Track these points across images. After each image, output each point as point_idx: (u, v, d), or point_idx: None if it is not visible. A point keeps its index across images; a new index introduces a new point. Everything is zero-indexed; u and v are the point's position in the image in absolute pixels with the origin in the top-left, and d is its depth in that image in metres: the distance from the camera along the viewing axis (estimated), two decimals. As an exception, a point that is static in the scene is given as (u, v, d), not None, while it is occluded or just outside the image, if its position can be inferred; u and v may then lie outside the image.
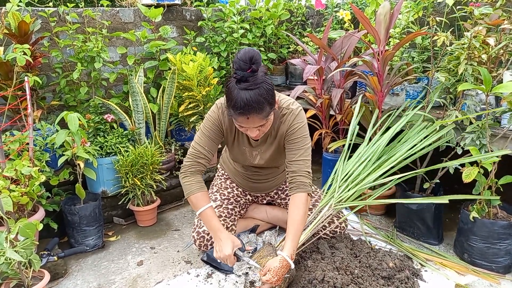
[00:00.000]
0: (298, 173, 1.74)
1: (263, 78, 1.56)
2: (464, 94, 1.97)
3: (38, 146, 2.13)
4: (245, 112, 1.54)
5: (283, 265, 1.62)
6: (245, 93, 1.52)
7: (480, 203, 1.87)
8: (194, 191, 1.78)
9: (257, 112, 1.55)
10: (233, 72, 1.57)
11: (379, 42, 2.09)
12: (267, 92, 1.56)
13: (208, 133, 1.82)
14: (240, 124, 1.63)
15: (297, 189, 1.73)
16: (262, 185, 2.14)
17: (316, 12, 3.36)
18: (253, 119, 1.58)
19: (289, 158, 1.79)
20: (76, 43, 2.39)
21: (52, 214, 2.18)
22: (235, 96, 1.53)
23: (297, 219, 1.71)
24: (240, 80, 1.53)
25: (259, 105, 1.53)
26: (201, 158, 1.82)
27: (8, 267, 1.56)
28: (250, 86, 1.52)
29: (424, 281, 1.77)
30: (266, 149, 1.88)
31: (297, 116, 1.76)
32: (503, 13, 1.85)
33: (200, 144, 1.82)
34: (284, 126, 1.77)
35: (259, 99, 1.53)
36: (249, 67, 1.52)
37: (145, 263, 2.04)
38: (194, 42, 3.00)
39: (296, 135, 1.76)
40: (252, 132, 1.66)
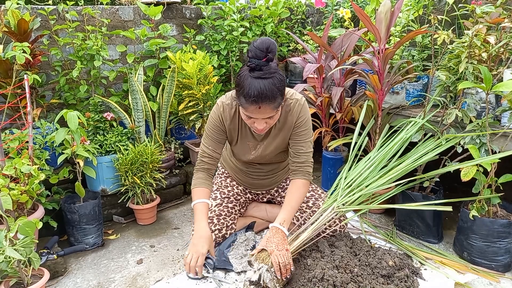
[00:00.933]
0: (305, 163, 1.85)
1: (276, 68, 1.57)
2: (464, 93, 1.97)
3: (38, 144, 2.13)
4: (257, 100, 1.54)
5: (274, 232, 1.70)
6: (259, 82, 1.53)
7: (480, 201, 1.87)
8: (194, 185, 1.89)
9: (269, 101, 1.56)
10: (247, 61, 1.57)
11: (380, 40, 2.09)
12: (280, 82, 1.58)
13: (210, 133, 1.88)
14: (250, 114, 1.63)
15: (302, 176, 1.85)
16: (263, 182, 2.14)
17: (316, 10, 3.36)
18: (265, 109, 1.59)
19: (296, 149, 1.85)
20: (75, 41, 2.39)
21: (51, 213, 2.18)
22: (248, 84, 1.54)
23: (294, 197, 1.81)
24: (254, 69, 1.54)
25: (272, 94, 1.54)
26: (205, 157, 1.90)
27: (7, 266, 1.56)
28: (264, 75, 1.53)
29: (423, 280, 1.77)
30: (270, 142, 1.90)
31: (304, 106, 1.81)
32: (503, 11, 1.85)
33: (204, 144, 1.90)
34: (292, 117, 1.79)
35: (272, 88, 1.54)
36: (265, 55, 1.53)
37: (145, 261, 2.04)
38: (194, 40, 3.00)
39: (304, 127, 1.81)
40: (259, 124, 1.66)
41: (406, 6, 2.30)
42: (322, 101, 2.47)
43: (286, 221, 1.76)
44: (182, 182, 2.80)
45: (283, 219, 1.76)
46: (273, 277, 1.64)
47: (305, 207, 2.06)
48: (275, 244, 1.67)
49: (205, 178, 1.90)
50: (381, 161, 2.04)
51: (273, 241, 1.68)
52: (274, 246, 1.66)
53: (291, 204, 1.81)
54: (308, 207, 2.06)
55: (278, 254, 1.64)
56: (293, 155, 1.87)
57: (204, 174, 1.91)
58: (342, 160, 2.62)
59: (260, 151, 1.93)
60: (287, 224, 1.76)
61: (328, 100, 2.49)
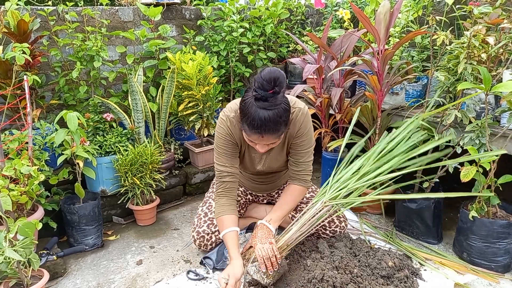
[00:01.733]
0: (303, 172, 1.84)
1: (282, 99, 1.53)
2: (464, 93, 1.97)
3: (37, 145, 2.13)
4: (261, 131, 1.53)
5: (259, 228, 1.73)
6: (263, 112, 1.50)
7: (479, 202, 1.87)
8: (218, 214, 1.80)
9: (272, 132, 1.54)
10: (253, 89, 1.52)
11: (379, 41, 2.09)
12: (285, 113, 1.55)
13: (222, 150, 1.79)
14: (252, 140, 1.63)
15: (299, 183, 1.86)
16: (265, 187, 2.15)
17: (315, 11, 3.36)
18: (268, 138, 1.58)
19: (295, 159, 1.84)
20: (75, 42, 2.39)
21: (51, 213, 2.18)
22: (253, 114, 1.51)
23: (286, 200, 1.82)
24: (259, 99, 1.50)
25: (276, 126, 1.53)
26: (225, 177, 1.80)
27: (7, 266, 1.56)
28: (269, 107, 1.50)
29: (423, 280, 1.77)
30: (275, 153, 1.88)
31: (306, 116, 1.76)
32: (502, 12, 1.85)
33: (219, 163, 1.80)
34: (294, 127, 1.76)
35: (276, 120, 1.51)
36: (272, 88, 1.49)
37: (145, 262, 2.04)
38: (194, 41, 3.00)
39: (305, 137, 1.78)
40: (261, 148, 1.65)
41: (405, 7, 2.30)
42: (321, 101, 2.48)
43: (273, 219, 1.77)
44: (181, 183, 2.80)
45: (270, 218, 1.78)
46: (258, 270, 1.66)
47: (302, 207, 2.07)
48: (259, 238, 1.70)
49: (228, 204, 1.80)
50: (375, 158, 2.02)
51: (257, 236, 1.71)
52: (257, 240, 1.69)
53: (282, 206, 1.82)
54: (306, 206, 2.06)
55: (261, 247, 1.66)
56: (292, 163, 1.86)
57: (225, 199, 1.80)
58: (342, 160, 2.62)
59: (266, 162, 1.91)
60: (274, 222, 1.77)
61: (327, 100, 2.49)
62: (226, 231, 1.74)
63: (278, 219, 1.80)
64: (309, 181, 1.88)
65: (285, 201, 1.83)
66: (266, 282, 1.66)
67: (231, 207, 1.80)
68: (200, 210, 2.09)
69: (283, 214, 1.82)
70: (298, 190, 1.86)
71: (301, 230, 1.78)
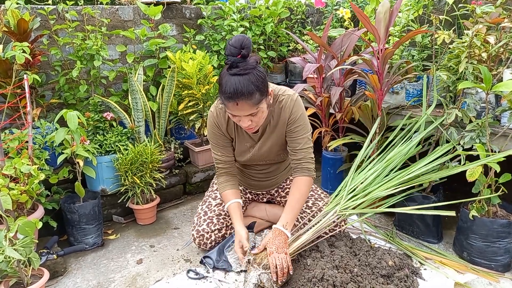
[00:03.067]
0: (304, 160, 1.84)
1: (253, 65, 1.58)
2: (464, 93, 1.97)
3: (38, 144, 2.13)
4: (234, 97, 1.56)
5: (276, 234, 1.72)
6: (235, 78, 1.55)
7: (480, 201, 1.87)
8: (219, 190, 1.98)
9: (246, 98, 1.56)
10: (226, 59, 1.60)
11: (379, 40, 2.09)
12: (257, 79, 1.57)
13: (214, 141, 1.92)
14: (231, 112, 1.65)
15: (302, 173, 1.85)
16: (263, 183, 2.14)
17: (316, 10, 3.36)
18: (243, 105, 1.59)
19: (293, 146, 1.85)
20: (75, 41, 2.38)
21: (51, 212, 2.18)
22: (225, 82, 1.56)
23: (297, 197, 1.81)
24: (231, 66, 1.56)
25: (248, 91, 1.55)
26: (220, 164, 1.97)
27: (7, 265, 1.56)
28: (239, 72, 1.55)
29: (423, 280, 1.77)
30: (267, 141, 1.90)
31: (296, 101, 1.80)
32: (503, 11, 1.85)
33: (214, 152, 1.96)
34: (285, 113, 1.79)
35: (248, 84, 1.55)
36: (239, 52, 1.55)
37: (145, 261, 2.04)
38: (194, 40, 3.00)
39: (298, 123, 1.80)
40: (244, 122, 1.67)
41: (406, 6, 2.30)
42: (321, 101, 2.47)
43: (289, 223, 1.77)
44: (182, 182, 2.80)
45: (286, 221, 1.76)
46: (269, 278, 1.65)
47: (305, 207, 2.07)
48: (276, 246, 1.68)
49: (227, 180, 1.97)
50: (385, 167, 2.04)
51: (274, 243, 1.70)
52: (274, 248, 1.68)
53: (292, 204, 1.81)
54: (307, 207, 2.06)
55: (277, 256, 1.65)
56: (291, 152, 1.88)
57: (224, 177, 1.97)
58: (342, 160, 2.62)
59: (260, 151, 1.93)
60: (290, 226, 1.77)
61: (327, 100, 2.49)
62: (228, 204, 1.91)
63: (292, 221, 1.79)
64: (312, 169, 1.86)
65: (295, 199, 1.82)
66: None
67: (229, 182, 1.96)
68: (200, 209, 2.10)
69: (296, 213, 1.81)
70: (304, 183, 1.84)
71: (311, 238, 1.82)
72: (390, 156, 2.07)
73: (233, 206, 1.90)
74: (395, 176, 1.98)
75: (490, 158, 1.73)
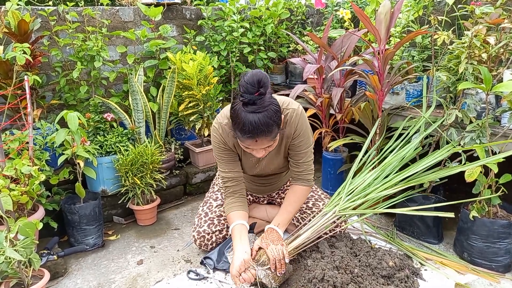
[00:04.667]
0: (304, 172, 1.85)
1: (270, 100, 1.53)
2: (464, 93, 1.97)
3: (38, 145, 2.13)
4: (253, 135, 1.52)
5: (269, 232, 1.75)
6: (253, 116, 1.49)
7: (480, 202, 1.87)
8: (226, 212, 1.89)
9: (265, 135, 1.54)
10: (239, 95, 1.52)
11: (380, 41, 2.09)
12: (275, 114, 1.54)
13: (221, 158, 1.84)
14: (248, 146, 1.62)
15: (300, 182, 1.87)
16: (265, 188, 2.15)
17: (316, 11, 3.36)
18: (262, 141, 1.57)
19: (295, 159, 1.85)
20: (76, 42, 2.39)
21: (52, 213, 2.18)
22: (243, 119, 1.50)
23: (291, 202, 1.84)
24: (247, 103, 1.50)
25: (268, 128, 1.52)
26: (227, 182, 1.88)
27: (8, 266, 1.56)
28: (258, 110, 1.49)
29: (424, 280, 1.77)
30: (273, 156, 1.89)
31: (301, 116, 1.76)
32: (503, 12, 1.85)
33: (221, 170, 1.88)
34: (290, 128, 1.75)
35: (267, 122, 1.51)
36: (257, 90, 1.49)
37: (145, 262, 2.04)
38: (194, 41, 3.00)
39: (302, 137, 1.78)
40: (258, 153, 1.65)
41: (406, 7, 2.30)
42: (322, 101, 2.47)
43: (281, 224, 1.80)
44: (182, 182, 2.80)
45: (278, 222, 1.80)
46: (267, 273, 1.66)
47: (305, 208, 2.07)
48: (271, 239, 1.71)
49: (234, 202, 1.87)
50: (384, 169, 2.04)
51: (268, 238, 1.73)
52: (269, 241, 1.71)
53: (288, 208, 1.84)
54: (308, 208, 2.06)
55: (274, 248, 1.67)
56: (292, 164, 1.88)
57: (232, 198, 1.88)
58: (342, 160, 2.62)
59: (265, 165, 1.92)
60: (282, 226, 1.80)
61: (328, 100, 2.49)
62: (232, 225, 1.81)
63: (285, 222, 1.82)
64: (311, 180, 1.89)
65: (290, 203, 1.86)
66: (273, 286, 1.68)
67: (237, 203, 1.87)
68: (200, 210, 2.10)
69: (289, 217, 1.84)
70: (301, 191, 1.88)
71: (310, 238, 1.83)
72: (390, 159, 2.07)
73: (239, 227, 1.79)
74: (393, 177, 1.98)
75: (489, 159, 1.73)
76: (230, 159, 1.84)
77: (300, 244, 1.81)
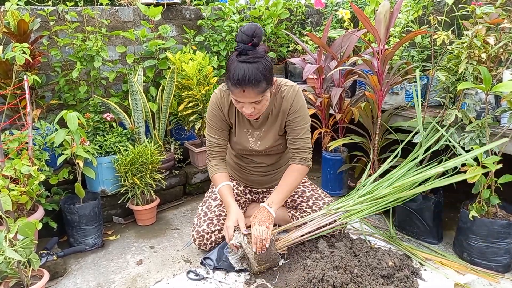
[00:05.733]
0: (301, 149, 1.90)
1: (262, 54, 1.63)
2: (464, 93, 1.97)
3: (38, 145, 2.13)
4: (241, 84, 1.61)
5: (260, 210, 1.82)
6: (244, 66, 1.59)
7: (480, 202, 1.87)
8: (211, 173, 1.99)
9: (253, 86, 1.61)
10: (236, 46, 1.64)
11: (379, 41, 2.09)
12: (265, 68, 1.63)
13: (212, 122, 1.94)
14: (236, 97, 1.70)
15: (298, 161, 1.91)
16: (263, 179, 2.15)
17: (315, 11, 3.36)
18: (249, 93, 1.64)
19: (291, 136, 1.90)
20: (75, 42, 2.39)
21: (51, 213, 2.18)
22: (234, 68, 1.61)
23: (286, 181, 1.89)
24: (240, 53, 1.61)
25: (256, 79, 1.60)
26: (213, 147, 1.99)
27: (7, 266, 1.56)
28: (249, 59, 1.60)
29: (423, 280, 1.77)
30: (267, 129, 1.93)
31: (297, 92, 1.86)
32: (503, 12, 1.85)
33: (209, 134, 1.98)
34: (286, 103, 1.85)
35: (256, 73, 1.60)
36: (250, 40, 1.60)
37: (145, 262, 2.04)
38: (194, 41, 3.00)
39: (298, 113, 1.85)
40: (247, 108, 1.72)
41: (405, 7, 2.30)
42: (321, 101, 2.48)
43: (275, 202, 1.85)
44: (181, 182, 2.80)
45: (272, 201, 1.85)
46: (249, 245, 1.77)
47: (305, 207, 2.07)
48: (258, 219, 1.79)
49: (219, 164, 1.99)
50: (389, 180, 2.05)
51: (257, 217, 1.80)
52: (256, 221, 1.78)
53: (282, 187, 1.89)
54: (308, 207, 2.06)
55: (258, 228, 1.75)
56: (289, 141, 1.93)
57: (217, 161, 2.00)
58: (342, 160, 2.62)
59: (259, 139, 1.95)
60: (275, 205, 1.85)
61: (327, 100, 2.49)
62: (221, 185, 1.92)
63: (279, 201, 1.86)
64: (308, 159, 1.91)
65: (285, 183, 1.89)
66: (255, 269, 1.78)
67: (222, 166, 1.99)
68: (199, 209, 2.10)
69: (284, 196, 1.88)
70: (297, 169, 1.90)
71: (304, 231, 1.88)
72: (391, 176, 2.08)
73: (227, 187, 1.92)
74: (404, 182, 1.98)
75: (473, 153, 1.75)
76: (220, 127, 1.94)
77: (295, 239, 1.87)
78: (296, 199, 2.11)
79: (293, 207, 2.13)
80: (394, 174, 2.04)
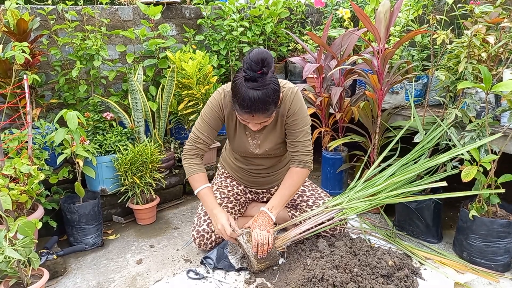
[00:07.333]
0: (300, 152, 1.87)
1: (271, 79, 1.60)
2: (464, 93, 1.97)
3: (37, 144, 2.13)
4: (251, 111, 1.60)
5: (260, 214, 1.80)
6: (253, 93, 1.56)
7: (479, 201, 1.87)
8: (192, 172, 1.91)
9: (262, 112, 1.61)
10: (242, 70, 1.59)
11: (379, 40, 2.09)
12: (274, 93, 1.61)
13: (207, 119, 1.88)
14: (244, 119, 1.70)
15: (297, 164, 1.88)
16: (264, 180, 2.14)
17: (315, 10, 3.36)
18: (258, 117, 1.64)
19: (291, 138, 1.88)
20: (75, 41, 2.38)
21: (51, 213, 2.18)
22: (243, 94, 1.57)
23: (287, 184, 1.87)
24: (248, 80, 1.56)
25: (265, 106, 1.59)
26: (199, 143, 1.91)
27: (7, 266, 1.55)
28: (258, 87, 1.56)
29: (423, 280, 1.77)
30: (268, 132, 1.91)
31: (296, 94, 1.82)
32: (502, 11, 1.85)
33: (200, 130, 1.90)
34: (285, 105, 1.82)
35: (265, 100, 1.57)
36: (260, 69, 1.55)
37: (145, 261, 2.04)
38: (194, 40, 3.00)
39: (296, 116, 1.82)
40: (253, 126, 1.73)
41: (405, 6, 2.30)
42: (321, 101, 2.47)
43: (275, 207, 1.84)
44: (181, 182, 2.80)
45: (272, 205, 1.84)
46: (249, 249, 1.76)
47: (305, 206, 2.07)
48: (258, 224, 1.77)
49: (199, 164, 1.93)
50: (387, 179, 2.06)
51: (257, 221, 1.78)
52: (256, 225, 1.76)
53: (282, 191, 1.87)
54: (308, 206, 2.06)
55: (258, 232, 1.74)
56: (289, 144, 1.91)
57: (198, 159, 1.94)
58: (342, 160, 2.62)
59: (259, 142, 1.94)
60: (276, 209, 1.84)
61: (327, 100, 2.49)
62: (200, 188, 1.88)
63: (279, 206, 1.85)
64: (308, 161, 1.88)
65: (285, 186, 1.88)
66: (255, 269, 1.78)
67: (200, 165, 1.94)
68: (200, 209, 2.09)
69: (284, 200, 1.87)
70: (297, 173, 1.88)
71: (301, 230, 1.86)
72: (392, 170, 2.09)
73: (209, 189, 1.89)
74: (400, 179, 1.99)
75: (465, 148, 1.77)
76: (212, 125, 1.88)
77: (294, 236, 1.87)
78: (296, 198, 2.11)
79: (293, 207, 2.13)
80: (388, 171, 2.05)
